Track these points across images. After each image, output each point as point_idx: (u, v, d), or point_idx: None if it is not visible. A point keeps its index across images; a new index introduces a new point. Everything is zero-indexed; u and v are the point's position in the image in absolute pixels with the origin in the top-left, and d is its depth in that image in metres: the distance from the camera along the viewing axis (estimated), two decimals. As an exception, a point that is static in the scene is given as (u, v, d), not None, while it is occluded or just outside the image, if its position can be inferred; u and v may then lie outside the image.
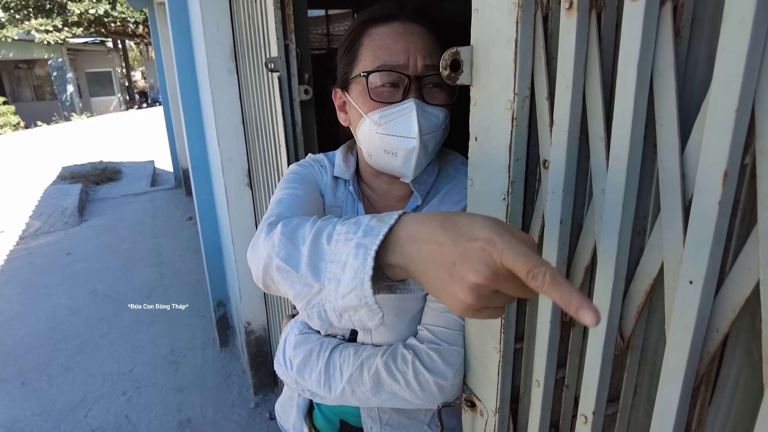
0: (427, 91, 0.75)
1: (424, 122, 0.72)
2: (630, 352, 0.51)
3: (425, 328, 0.75)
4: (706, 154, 0.36)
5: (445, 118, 0.75)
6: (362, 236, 0.50)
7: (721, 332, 0.39)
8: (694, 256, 0.38)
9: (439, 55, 0.69)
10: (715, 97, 0.35)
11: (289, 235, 0.61)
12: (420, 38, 0.74)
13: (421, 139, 0.72)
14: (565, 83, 0.47)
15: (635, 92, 0.41)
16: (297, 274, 0.56)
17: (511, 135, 0.53)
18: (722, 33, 0.34)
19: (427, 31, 0.76)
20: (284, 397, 1.02)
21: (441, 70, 0.58)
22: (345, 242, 0.52)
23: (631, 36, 0.40)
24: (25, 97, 19.03)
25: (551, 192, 0.51)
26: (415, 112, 0.71)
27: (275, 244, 0.61)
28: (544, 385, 0.58)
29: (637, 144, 0.43)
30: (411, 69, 0.73)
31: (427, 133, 0.73)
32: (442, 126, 0.75)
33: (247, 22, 1.72)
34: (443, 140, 0.79)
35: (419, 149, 0.72)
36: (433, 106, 0.74)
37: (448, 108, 0.76)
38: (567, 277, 0.54)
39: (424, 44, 0.74)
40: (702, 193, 0.37)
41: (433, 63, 0.73)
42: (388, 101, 0.74)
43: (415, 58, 0.73)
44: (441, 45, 0.77)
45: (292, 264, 0.57)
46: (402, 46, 0.73)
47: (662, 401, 0.43)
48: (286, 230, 0.61)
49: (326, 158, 0.91)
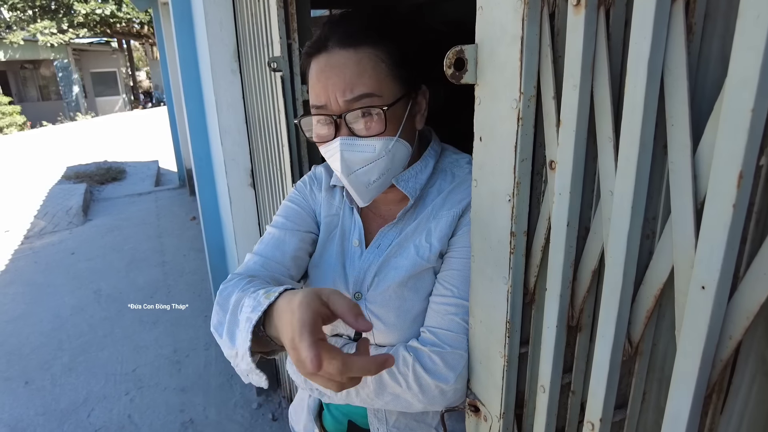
0: (357, 124, 0.72)
1: (354, 158, 0.72)
2: (638, 358, 0.49)
3: (428, 330, 0.74)
4: (720, 155, 0.35)
5: (384, 146, 0.72)
6: (250, 311, 0.61)
7: (735, 339, 0.38)
8: (706, 261, 0.37)
9: (371, 80, 0.71)
10: (729, 96, 0.34)
11: (221, 303, 0.71)
12: (340, 70, 0.71)
13: (352, 175, 0.73)
14: (572, 82, 0.46)
15: (645, 91, 0.39)
16: (221, 339, 0.67)
17: (516, 135, 0.52)
18: (738, 29, 0.32)
19: (354, 55, 0.71)
20: (296, 400, 1.04)
21: (445, 69, 0.57)
22: (243, 314, 0.63)
23: (642, 33, 0.39)
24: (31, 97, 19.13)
25: (558, 193, 0.50)
26: (339, 153, 0.72)
27: (213, 311, 0.72)
28: (549, 391, 0.57)
29: (647, 144, 0.41)
30: (334, 107, 0.72)
31: (361, 167, 0.73)
32: (381, 155, 0.72)
33: (250, 21, 1.72)
34: (403, 158, 0.76)
35: (354, 184, 0.75)
36: (365, 138, 0.72)
37: (388, 134, 0.72)
38: (574, 281, 0.53)
39: (343, 77, 0.70)
40: (715, 196, 0.35)
41: (357, 94, 0.70)
42: (324, 140, 0.75)
43: (334, 96, 0.71)
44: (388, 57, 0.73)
45: (219, 331, 0.68)
46: (322, 85, 0.72)
47: (673, 409, 0.42)
48: (221, 298, 0.72)
49: (324, 170, 0.94)
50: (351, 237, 0.86)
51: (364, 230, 0.85)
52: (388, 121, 0.71)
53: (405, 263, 0.78)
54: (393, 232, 0.82)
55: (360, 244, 0.84)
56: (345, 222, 0.87)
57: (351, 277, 0.83)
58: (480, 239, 0.62)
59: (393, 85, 0.73)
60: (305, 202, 0.91)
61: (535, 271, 0.58)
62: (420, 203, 0.81)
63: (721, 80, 0.36)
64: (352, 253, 0.85)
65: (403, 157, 0.77)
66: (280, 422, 2.42)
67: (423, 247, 0.77)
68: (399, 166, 0.77)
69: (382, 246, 0.82)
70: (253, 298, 0.63)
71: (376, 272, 0.80)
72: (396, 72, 0.73)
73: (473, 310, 0.67)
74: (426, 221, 0.79)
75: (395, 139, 0.73)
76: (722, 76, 0.37)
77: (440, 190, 0.80)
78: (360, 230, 0.85)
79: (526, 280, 0.59)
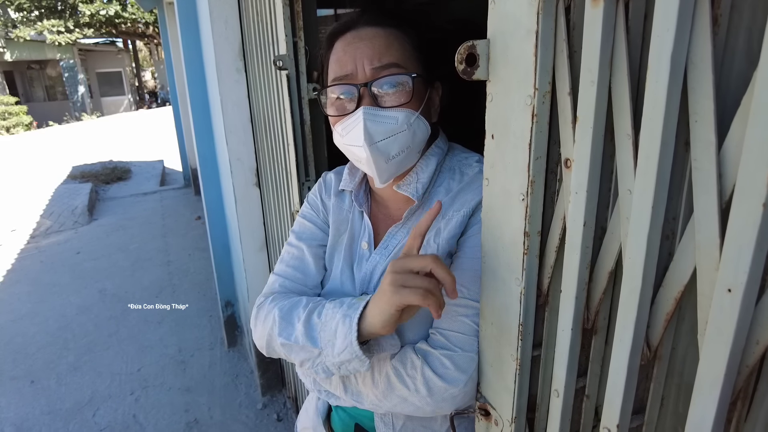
0: (381, 94, 0.73)
1: (377, 128, 0.72)
2: (657, 363, 0.48)
3: (438, 332, 0.73)
4: (749, 152, 0.33)
5: (406, 119, 0.73)
6: (347, 309, 0.71)
7: (762, 344, 0.36)
8: (733, 263, 0.35)
9: (398, 52, 0.74)
10: (760, 89, 0.32)
11: (285, 317, 0.78)
12: (369, 41, 0.74)
13: (374, 146, 0.72)
14: (590, 77, 0.44)
15: (668, 86, 0.38)
16: (298, 345, 0.74)
17: (531, 132, 0.51)
18: (770, 19, 0.31)
19: (383, 31, 0.75)
20: (307, 402, 1.04)
21: (456, 65, 0.56)
22: (332, 315, 0.72)
23: (665, 25, 0.37)
24: (37, 97, 19.24)
25: (574, 192, 0.48)
26: (362, 122, 0.71)
27: (276, 325, 0.78)
28: (563, 395, 0.56)
29: (669, 141, 0.40)
30: (360, 76, 0.73)
31: (383, 138, 0.72)
32: (403, 128, 0.73)
33: (256, 19, 1.71)
34: (422, 139, 0.77)
35: (374, 156, 0.73)
36: (388, 108, 0.72)
37: (411, 107, 0.73)
38: (590, 282, 0.51)
39: (372, 47, 0.73)
40: (744, 194, 0.34)
41: (385, 62, 0.73)
42: (344, 113, 0.75)
43: (362, 63, 0.73)
44: (410, 40, 0.76)
45: (292, 339, 0.75)
46: (349, 56, 0.74)
47: (696, 416, 0.40)
48: (283, 313, 0.78)
49: (335, 175, 0.94)
50: (360, 240, 0.85)
51: (374, 232, 0.85)
52: (414, 93, 0.73)
53: None
54: (401, 233, 0.81)
55: (369, 247, 0.84)
56: (355, 226, 0.87)
57: (358, 278, 0.82)
58: (492, 239, 0.61)
59: (417, 65, 0.76)
60: (317, 217, 0.92)
61: (549, 272, 0.56)
62: (427, 203, 0.80)
63: (748, 74, 0.34)
64: (360, 256, 0.84)
65: (423, 138, 0.77)
66: (284, 422, 2.41)
67: (431, 248, 0.76)
68: (417, 147, 0.77)
69: (390, 246, 0.81)
70: (337, 305, 0.73)
71: (383, 272, 0.79)
72: (418, 55, 0.76)
73: (484, 312, 0.66)
74: (435, 221, 0.77)
75: (417, 114, 0.74)
76: (749, 70, 0.35)
77: (449, 190, 0.79)
78: (369, 233, 0.84)
79: (539, 281, 0.58)
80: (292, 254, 0.89)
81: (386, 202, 0.86)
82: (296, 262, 0.88)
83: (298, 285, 0.86)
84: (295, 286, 0.86)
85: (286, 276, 0.87)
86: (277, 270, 0.90)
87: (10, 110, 14.97)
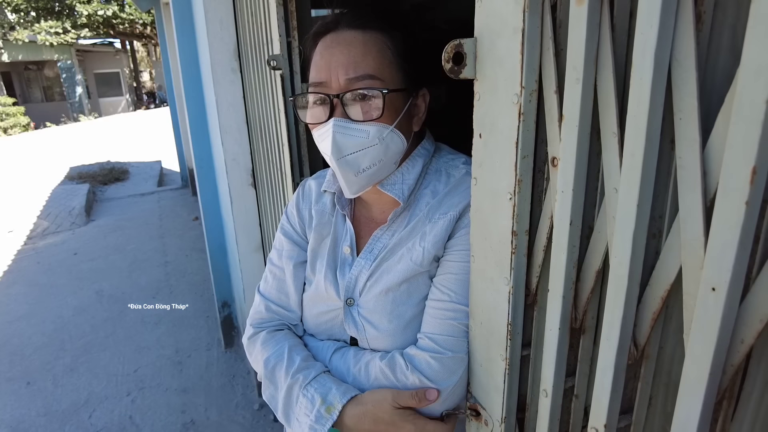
0: (353, 107, 0.70)
1: (346, 141, 0.70)
2: (644, 362, 0.48)
3: (426, 336, 0.72)
4: (732, 150, 0.33)
5: (378, 133, 0.70)
6: (314, 421, 0.73)
7: (747, 343, 0.36)
8: (717, 261, 0.35)
9: (375, 61, 0.70)
10: (742, 87, 0.32)
11: (269, 377, 0.81)
12: (346, 48, 0.70)
13: (342, 159, 0.71)
14: (575, 75, 0.44)
15: (652, 83, 0.38)
16: (276, 413, 0.81)
17: (517, 131, 0.50)
18: (751, 16, 0.31)
19: (362, 36, 0.71)
20: None
21: (443, 64, 0.56)
22: (304, 416, 0.75)
23: (648, 22, 0.37)
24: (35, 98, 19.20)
25: (560, 191, 0.48)
26: (331, 134, 0.69)
27: (262, 375, 0.82)
28: (552, 395, 0.55)
29: (654, 139, 0.40)
30: (334, 86, 0.70)
31: (353, 152, 0.70)
32: (374, 142, 0.70)
33: (250, 20, 1.70)
34: (396, 152, 0.73)
35: (342, 169, 0.71)
36: (360, 122, 0.70)
37: (384, 121, 0.70)
38: (577, 281, 0.51)
39: (348, 55, 0.69)
40: (727, 192, 0.34)
41: (360, 74, 0.69)
42: (317, 121, 0.73)
43: (336, 73, 0.70)
44: (394, 45, 0.72)
45: (273, 404, 0.81)
46: (325, 62, 0.71)
47: (682, 415, 0.40)
48: (267, 371, 0.81)
49: (314, 181, 0.92)
50: (342, 244, 0.83)
51: (356, 236, 0.83)
52: (385, 107, 0.69)
53: (398, 267, 0.75)
54: (386, 236, 0.79)
55: (351, 251, 0.82)
56: (338, 229, 0.85)
57: (342, 284, 0.81)
58: (480, 239, 0.61)
59: (396, 74, 0.72)
60: (294, 231, 0.91)
61: (537, 271, 0.56)
62: (413, 205, 0.78)
63: (732, 71, 0.34)
64: (343, 261, 0.82)
65: (397, 151, 0.74)
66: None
67: (416, 252, 0.74)
68: (392, 159, 0.74)
69: (375, 251, 0.79)
70: (309, 401, 0.75)
71: (369, 277, 0.78)
72: (400, 63, 0.72)
73: (473, 311, 0.66)
74: (421, 224, 0.75)
75: (390, 128, 0.71)
76: (733, 67, 0.35)
77: (435, 192, 0.77)
78: (351, 237, 0.82)
79: (528, 280, 0.57)
80: (274, 274, 0.91)
81: (370, 204, 0.84)
82: (279, 283, 0.90)
83: (282, 309, 0.88)
84: (279, 309, 0.88)
85: (270, 299, 0.89)
86: (262, 289, 0.92)
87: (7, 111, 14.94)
